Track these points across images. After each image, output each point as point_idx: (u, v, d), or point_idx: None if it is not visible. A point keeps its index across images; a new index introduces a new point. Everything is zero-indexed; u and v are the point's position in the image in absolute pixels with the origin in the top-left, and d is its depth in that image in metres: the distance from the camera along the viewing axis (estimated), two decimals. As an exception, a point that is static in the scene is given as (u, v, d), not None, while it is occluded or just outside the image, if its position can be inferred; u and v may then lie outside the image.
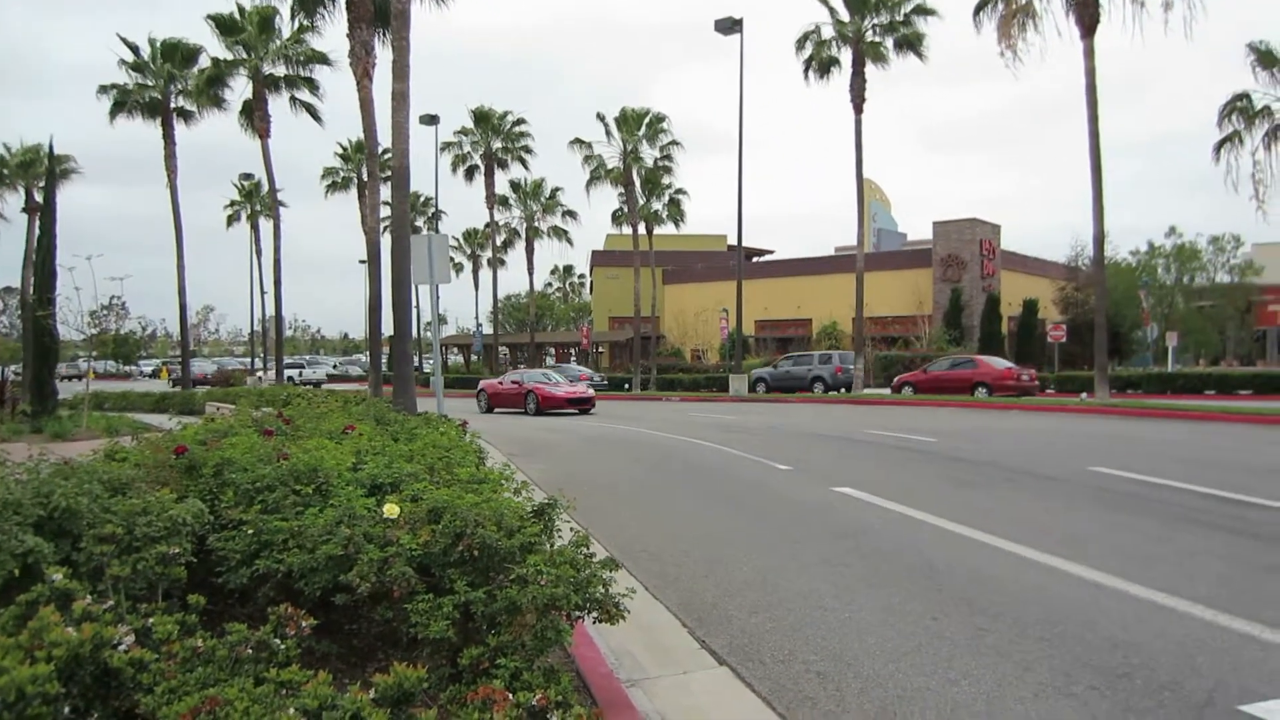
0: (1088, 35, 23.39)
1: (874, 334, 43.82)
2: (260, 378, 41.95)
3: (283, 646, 2.92)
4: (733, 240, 47.51)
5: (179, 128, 34.86)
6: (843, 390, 32.91)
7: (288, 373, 42.18)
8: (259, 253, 54.96)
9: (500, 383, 29.67)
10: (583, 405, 26.71)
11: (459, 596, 3.43)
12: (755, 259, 59.87)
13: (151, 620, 3.04)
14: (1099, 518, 8.35)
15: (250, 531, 3.89)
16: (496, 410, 28.30)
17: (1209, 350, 52.47)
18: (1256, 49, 31.55)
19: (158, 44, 34.05)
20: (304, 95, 32.61)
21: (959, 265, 45.47)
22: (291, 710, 2.39)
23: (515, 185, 51.53)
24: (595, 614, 3.72)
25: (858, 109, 32.57)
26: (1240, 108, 32.38)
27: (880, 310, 44.88)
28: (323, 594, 3.62)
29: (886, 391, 32.25)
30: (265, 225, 52.91)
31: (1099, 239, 24.43)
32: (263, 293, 54.02)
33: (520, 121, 47.49)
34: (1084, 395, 26.89)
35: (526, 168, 48.87)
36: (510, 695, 2.59)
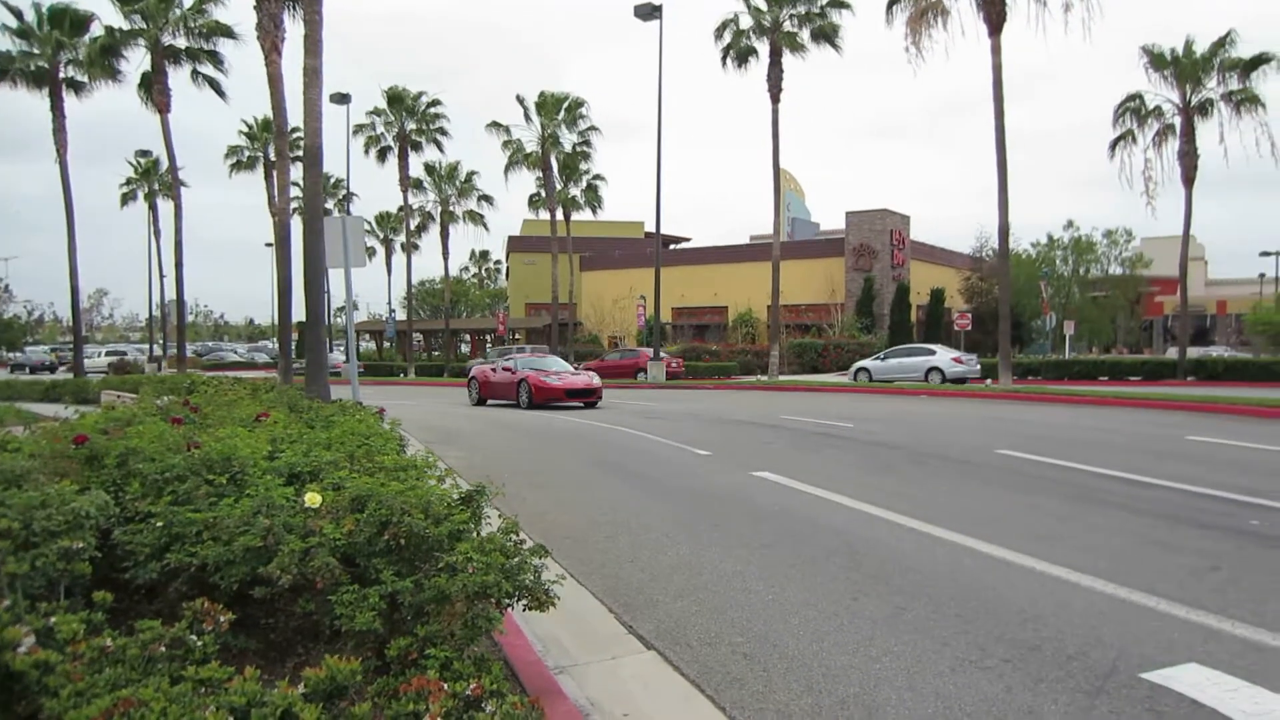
0: (994, 33, 24.19)
1: (789, 322, 44.62)
2: (160, 365, 40.17)
3: (200, 643, 2.79)
4: (650, 228, 47.61)
5: (69, 100, 32.94)
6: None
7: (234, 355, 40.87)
8: (158, 234, 52.48)
9: (493, 369, 24.51)
10: (587, 398, 22.05)
11: (386, 587, 3.35)
12: (672, 246, 60.20)
13: (54, 620, 2.86)
14: (1007, 498, 8.68)
15: (160, 524, 3.71)
16: (490, 402, 24.02)
17: (1102, 339, 55.18)
18: (1149, 51, 33.17)
19: (44, 9, 32.06)
20: (207, 69, 31.22)
21: (870, 255, 46.63)
22: (213, 709, 2.28)
23: (430, 168, 50.52)
24: (526, 601, 3.68)
25: (775, 99, 32.98)
26: (1133, 108, 34.02)
27: (795, 298, 45.74)
28: (240, 587, 3.48)
29: (800, 378, 32.89)
30: (164, 206, 50.55)
31: (1004, 231, 25.34)
32: (161, 276, 51.67)
33: (435, 103, 46.55)
34: (989, 381, 27.95)
35: (442, 150, 48.00)
36: (445, 686, 2.53)
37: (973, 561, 6.26)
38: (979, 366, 31.95)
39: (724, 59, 33.71)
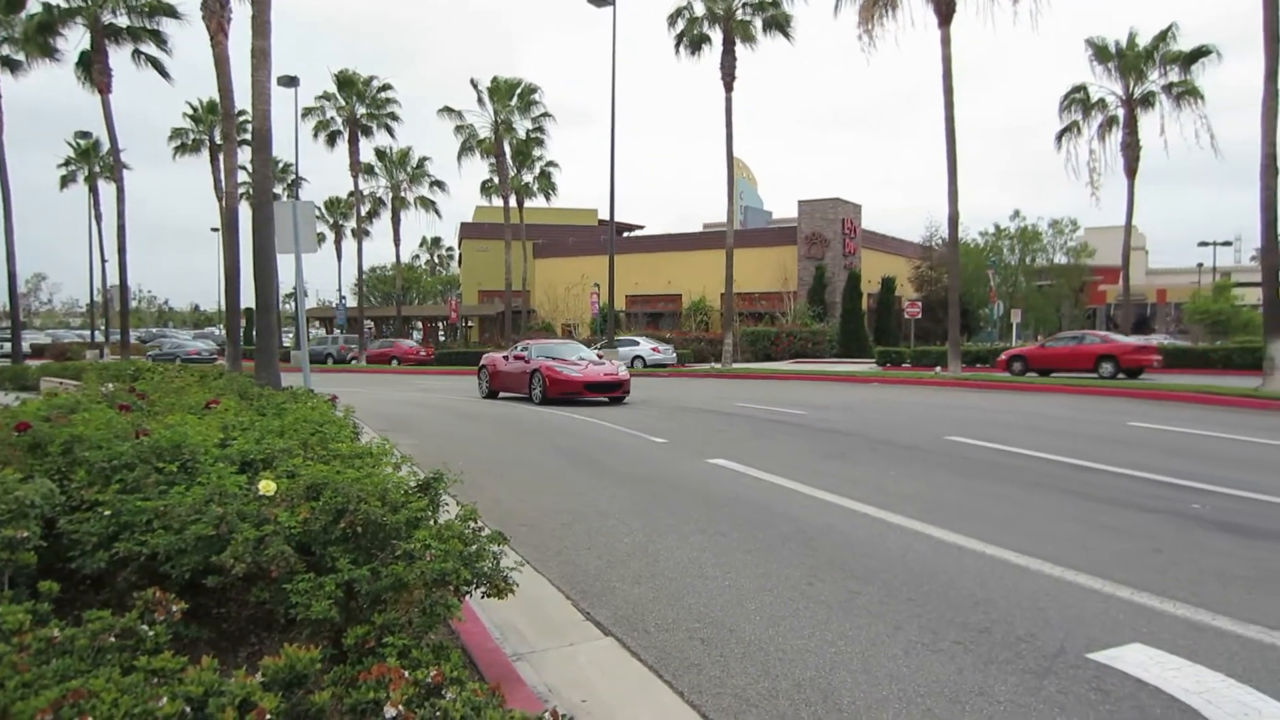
0: (944, 24, 24.51)
1: (742, 310, 44.90)
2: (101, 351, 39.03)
3: (152, 633, 2.73)
4: (604, 215, 47.51)
5: (5, 79, 31.80)
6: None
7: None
8: (99, 218, 50.86)
9: (505, 358, 21.23)
10: (610, 392, 18.63)
11: (342, 575, 3.30)
12: (626, 234, 60.14)
13: (-2, 610, 2.77)
14: (957, 484, 8.86)
15: (108, 513, 3.61)
16: (502, 395, 20.99)
17: (1048, 327, 56.39)
18: (1094, 44, 33.92)
19: (-24, -17, 30.81)
20: (149, 49, 30.32)
21: (822, 243, 47.06)
22: (167, 699, 2.23)
23: (381, 153, 49.79)
24: (484, 589, 3.66)
25: (728, 87, 33.05)
26: (1079, 99, 34.81)
27: (748, 286, 46.02)
28: (192, 577, 3.41)
29: (754, 366, 33.14)
30: (106, 188, 49.03)
31: (953, 220, 25.75)
32: (103, 261, 50.11)
33: (386, 87, 45.81)
34: (938, 369, 28.43)
35: (393, 135, 47.28)
36: (406, 673, 2.51)
37: (924, 546, 6.38)
38: (675, 355, 37.22)
39: (677, 47, 33.68)
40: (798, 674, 4.13)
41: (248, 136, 19.15)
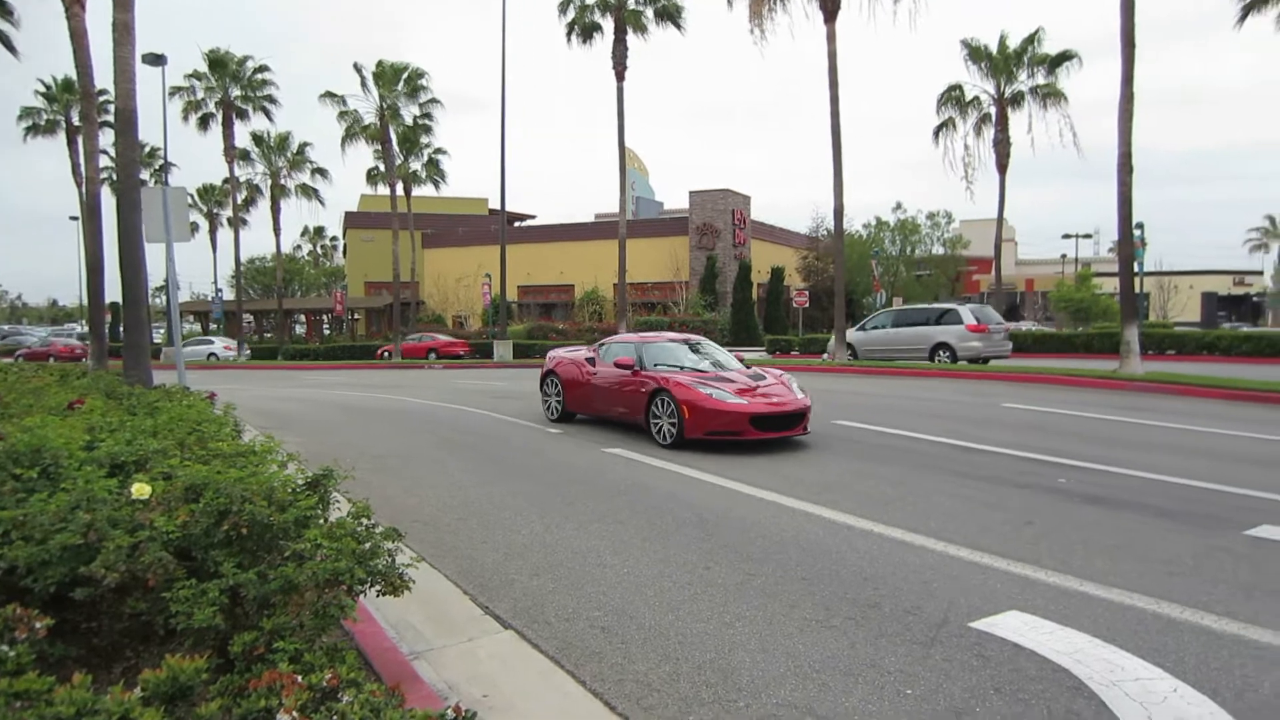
0: (830, 20, 25.13)
1: (635, 300, 45.13)
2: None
3: (13, 654, 2.53)
4: (495, 204, 46.86)
5: None
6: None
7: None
8: (-62, 204, 46.99)
9: (588, 362, 12.73)
10: (790, 429, 10.63)
11: (227, 580, 3.15)
12: (518, 224, 59.49)
13: None
14: (846, 466, 9.14)
15: (-43, 524, 3.33)
16: (580, 417, 13.16)
17: (925, 315, 58.87)
18: (969, 45, 35.46)
19: None
20: (-6, 21, 28.05)
21: (713, 234, 47.74)
22: (33, 722, 2.07)
23: (258, 138, 47.63)
24: (379, 587, 3.56)
25: (619, 76, 33.06)
26: (955, 97, 36.36)
27: (641, 277, 46.27)
28: (58, 590, 3.18)
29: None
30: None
31: (838, 212, 26.49)
32: (-55, 251, 46.28)
33: (263, 69, 43.86)
34: (825, 356, 29.26)
35: (271, 120, 45.30)
36: (299, 678, 2.40)
37: (816, 527, 6.56)
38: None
39: (569, 35, 33.47)
40: (698, 656, 4.18)
41: (109, 118, 18.00)
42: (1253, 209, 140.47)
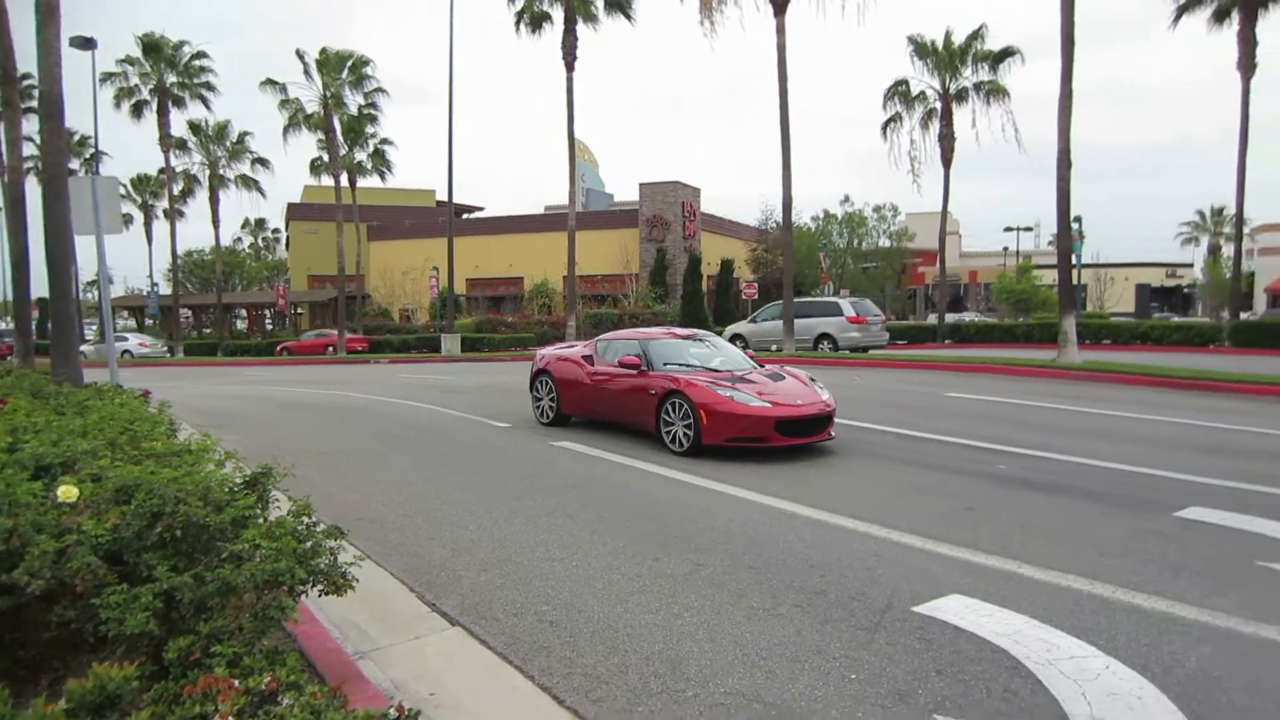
0: (779, 13, 25.28)
1: (585, 292, 45.02)
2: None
3: (-70, 665, 2.43)
4: (442, 195, 46.32)
5: None
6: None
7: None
8: None
9: (585, 359, 11.56)
10: (818, 433, 9.56)
11: (161, 584, 3.06)
12: (465, 216, 58.92)
13: None
14: (791, 455, 9.22)
15: None
16: (575, 419, 11.90)
17: (873, 306, 59.71)
18: (915, 41, 35.98)
19: None
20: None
21: (663, 226, 47.81)
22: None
23: (195, 126, 46.29)
24: (321, 587, 3.50)
25: (569, 66, 32.86)
26: (901, 92, 36.90)
27: (591, 269, 46.15)
28: (-22, 598, 3.06)
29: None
30: None
31: (787, 204, 26.71)
32: None
33: (200, 55, 42.65)
34: (774, 348, 29.53)
35: (209, 108, 44.08)
36: (236, 682, 2.35)
37: (764, 517, 6.62)
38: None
39: (518, 24, 33.16)
40: (646, 648, 4.19)
41: (34, 104, 17.37)
42: (1185, 204, 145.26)
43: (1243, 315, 32.44)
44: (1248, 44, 27.76)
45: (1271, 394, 13.96)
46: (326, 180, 41.91)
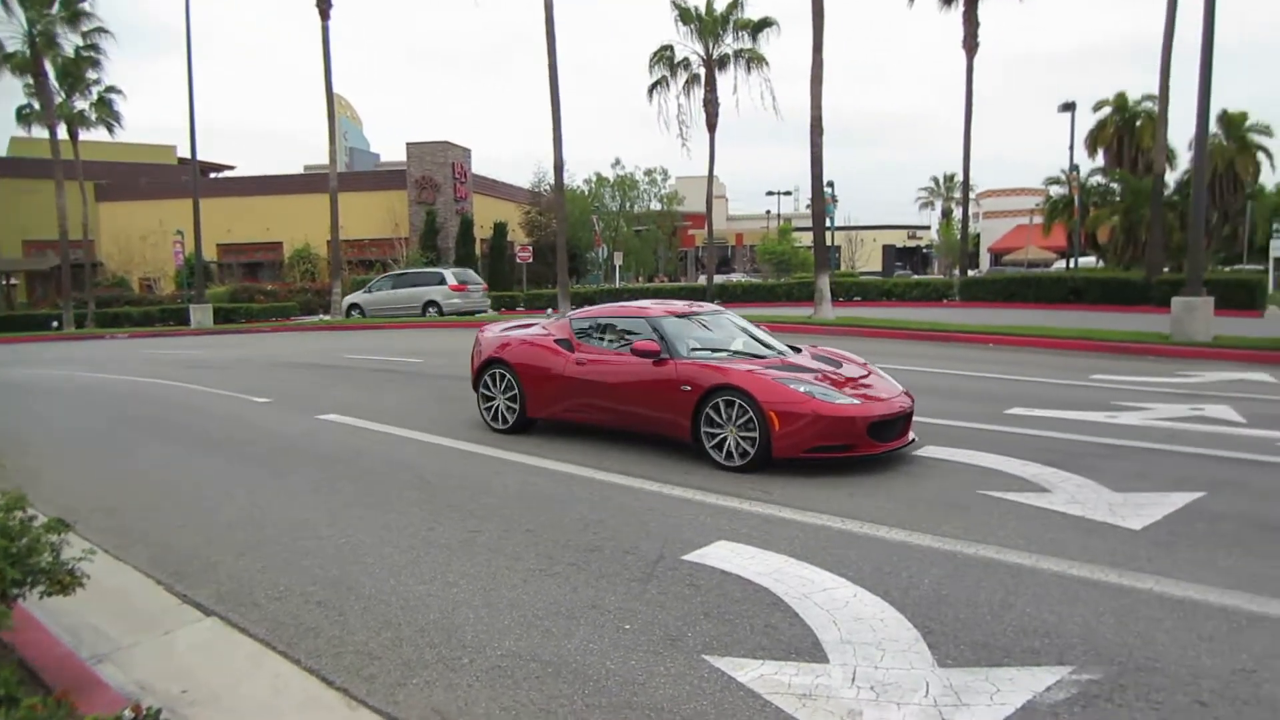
0: (544, -29, 24.97)
1: (351, 258, 42.83)
2: None
3: None
4: (184, 152, 42.24)
5: None
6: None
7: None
8: None
9: (561, 347, 8.37)
10: (901, 439, 7.08)
11: None
12: (214, 175, 54.10)
13: None
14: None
15: None
16: (541, 422, 8.73)
17: (646, 269, 61.40)
18: (678, 6, 36.84)
19: None
20: None
21: (433, 187, 46.35)
22: None
23: None
24: (43, 587, 3.12)
25: (324, 14, 30.80)
26: (666, 57, 37.76)
27: (357, 233, 43.94)
28: None
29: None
30: None
31: (559, 166, 26.70)
32: None
33: None
34: (549, 311, 29.64)
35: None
36: (-75, 706, 2.04)
37: (542, 479, 6.66)
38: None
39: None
40: (420, 619, 4.10)
41: None
42: (923, 170, 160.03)
43: (970, 272, 36.35)
44: (971, 24, 30.78)
45: (991, 341, 15.87)
46: (40, 132, 36.87)
